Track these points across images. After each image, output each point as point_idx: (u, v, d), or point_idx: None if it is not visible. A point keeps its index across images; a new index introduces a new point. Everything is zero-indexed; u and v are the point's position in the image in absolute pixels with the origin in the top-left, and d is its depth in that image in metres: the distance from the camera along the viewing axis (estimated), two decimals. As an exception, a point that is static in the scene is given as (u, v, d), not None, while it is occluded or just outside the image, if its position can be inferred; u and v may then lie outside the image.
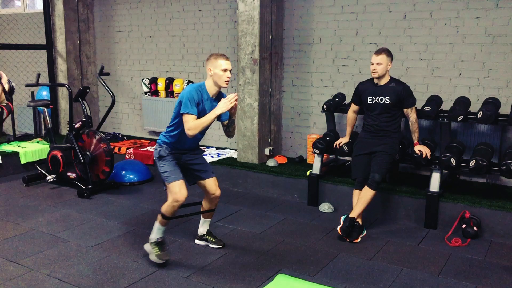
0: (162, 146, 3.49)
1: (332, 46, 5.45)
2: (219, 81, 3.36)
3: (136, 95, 7.19)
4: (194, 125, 3.26)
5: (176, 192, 3.38)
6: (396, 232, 4.21)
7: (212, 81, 3.39)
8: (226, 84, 3.37)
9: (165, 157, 3.46)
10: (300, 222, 4.48)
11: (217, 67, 3.33)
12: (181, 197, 3.39)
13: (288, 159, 5.73)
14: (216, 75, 3.35)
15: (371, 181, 4.06)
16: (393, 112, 4.20)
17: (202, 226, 3.90)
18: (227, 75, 3.36)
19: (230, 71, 3.38)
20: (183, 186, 3.42)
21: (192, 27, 6.43)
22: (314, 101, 5.67)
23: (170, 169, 3.43)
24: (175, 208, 3.43)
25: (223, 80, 3.35)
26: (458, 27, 4.71)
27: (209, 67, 3.37)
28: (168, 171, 3.43)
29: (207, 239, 3.88)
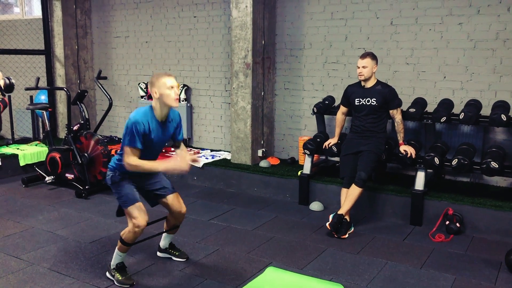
0: (115, 172, 3.22)
1: (322, 51, 5.65)
2: (167, 101, 3.06)
3: (133, 99, 7.36)
4: (135, 165, 3.04)
5: (136, 216, 3.14)
6: (383, 229, 4.38)
7: (159, 104, 3.09)
8: (176, 103, 3.09)
9: (118, 182, 3.20)
10: (290, 220, 4.65)
11: (162, 87, 3.04)
12: (142, 222, 3.15)
13: (280, 160, 5.90)
14: (163, 95, 3.05)
15: (358, 179, 4.23)
16: (379, 114, 4.39)
17: (164, 240, 3.70)
18: (175, 92, 3.07)
19: (177, 87, 3.11)
20: (142, 209, 3.18)
21: (188, 32, 6.62)
22: (306, 104, 5.86)
23: (126, 192, 3.18)
24: (137, 234, 3.18)
25: (172, 98, 3.06)
26: (442, 33, 4.91)
27: (154, 89, 3.07)
28: (124, 195, 3.18)
29: (170, 252, 3.71)
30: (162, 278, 3.38)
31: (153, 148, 3.21)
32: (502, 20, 4.61)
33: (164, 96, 3.06)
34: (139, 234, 3.21)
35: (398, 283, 3.33)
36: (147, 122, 3.07)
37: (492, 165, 3.98)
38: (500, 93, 4.71)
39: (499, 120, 4.15)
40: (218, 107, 6.51)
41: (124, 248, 3.30)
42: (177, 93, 3.10)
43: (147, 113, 3.10)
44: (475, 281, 3.35)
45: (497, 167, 3.98)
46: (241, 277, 3.40)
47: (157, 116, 3.14)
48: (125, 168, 3.12)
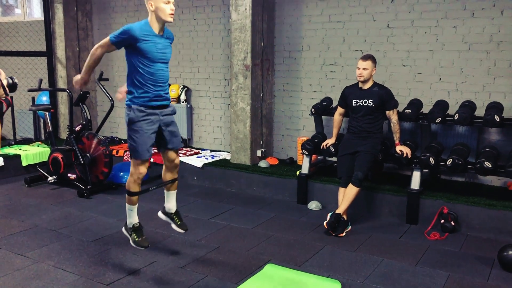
0: (131, 108, 3.24)
1: (320, 53, 5.75)
2: (162, 15, 3.13)
3: (133, 100, 7.44)
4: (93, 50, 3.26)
5: (139, 166, 3.31)
6: (379, 227, 4.48)
7: (154, 17, 3.17)
8: (171, 18, 3.15)
9: (136, 123, 3.22)
10: (289, 219, 4.74)
11: (158, 0, 3.10)
12: (144, 170, 3.34)
13: (279, 161, 6.00)
14: (158, 9, 3.11)
15: (355, 179, 4.33)
16: (376, 114, 4.49)
17: (168, 202, 3.70)
18: (170, 7, 3.13)
19: (173, 3, 3.16)
20: (147, 163, 3.36)
21: (188, 34, 6.71)
22: (304, 105, 5.96)
23: (141, 142, 3.23)
24: (138, 181, 3.36)
25: (167, 13, 3.12)
26: (438, 35, 5.01)
27: (150, 2, 3.12)
28: (137, 144, 3.24)
29: (173, 218, 3.69)
30: (163, 275, 3.47)
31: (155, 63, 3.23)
32: (495, 23, 4.71)
33: (159, 10, 3.12)
34: (140, 181, 3.38)
35: (393, 279, 3.42)
36: (144, 29, 3.14)
37: (485, 165, 4.08)
38: (494, 95, 4.81)
39: (492, 120, 4.25)
40: (218, 108, 6.61)
41: (131, 199, 3.44)
42: (172, 9, 3.15)
43: (144, 24, 3.19)
44: (468, 278, 3.45)
45: (491, 166, 4.07)
46: (241, 274, 3.49)
47: (154, 28, 3.21)
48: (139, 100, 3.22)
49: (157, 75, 3.27)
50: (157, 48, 3.21)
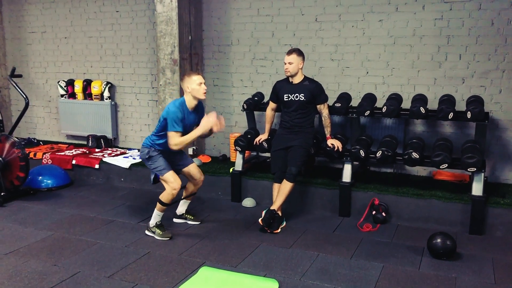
0: (150, 149, 4.00)
1: (250, 48, 5.64)
2: (197, 94, 3.89)
3: (52, 98, 6.94)
4: (180, 142, 3.84)
5: (172, 181, 3.93)
6: (313, 222, 4.46)
7: (191, 96, 3.91)
8: (204, 95, 3.92)
9: (154, 156, 3.98)
10: (223, 217, 4.60)
11: (193, 83, 3.86)
12: (178, 185, 3.94)
13: (211, 158, 5.84)
14: (194, 90, 3.88)
15: (288, 174, 4.27)
16: (308, 109, 4.46)
17: (181, 206, 4.41)
18: (203, 88, 3.91)
19: (204, 83, 3.92)
20: (176, 175, 3.98)
21: (110, 27, 6.34)
22: (235, 100, 5.83)
23: (161, 163, 3.97)
24: (174, 195, 3.96)
25: (201, 92, 3.89)
26: (364, 29, 5.09)
27: (186, 85, 3.88)
28: (160, 166, 3.96)
29: (186, 218, 4.40)
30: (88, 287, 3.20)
31: (186, 132, 3.93)
32: (418, 18, 4.86)
33: (195, 91, 3.90)
34: (175, 195, 3.99)
35: (330, 274, 3.39)
36: (183, 110, 3.88)
37: (413, 156, 4.18)
38: (418, 87, 4.96)
39: (418, 112, 4.37)
40: (145, 104, 6.31)
41: (162, 208, 4.04)
42: (205, 88, 3.94)
43: (181, 104, 3.90)
44: (401, 268, 3.50)
45: (418, 157, 4.18)
46: (174, 280, 3.30)
47: (189, 106, 3.95)
48: (159, 147, 3.99)
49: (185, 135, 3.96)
50: (187, 124, 3.93)
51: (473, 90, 4.76)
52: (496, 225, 4.12)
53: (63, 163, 5.89)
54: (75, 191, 5.47)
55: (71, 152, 6.14)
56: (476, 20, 4.65)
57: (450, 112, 4.29)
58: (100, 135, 6.43)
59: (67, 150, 6.23)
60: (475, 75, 4.74)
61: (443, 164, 4.11)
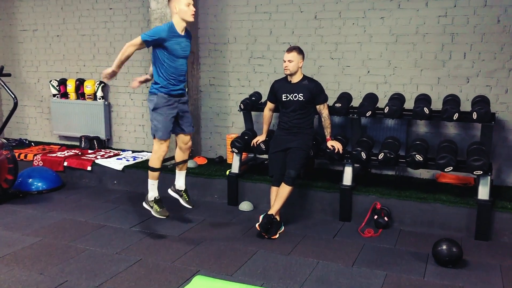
0: (157, 95, 3.73)
1: (247, 46, 5.47)
2: (185, 16, 3.68)
3: (44, 98, 6.75)
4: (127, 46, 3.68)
5: (162, 143, 3.79)
6: (313, 227, 4.29)
7: (179, 18, 3.69)
8: (192, 18, 3.71)
9: (160, 108, 3.72)
10: (219, 222, 4.43)
11: (181, 3, 3.64)
12: (166, 148, 3.83)
13: (208, 160, 5.66)
14: (181, 11, 3.66)
15: (287, 177, 4.10)
16: (307, 109, 4.29)
17: (178, 180, 4.19)
18: (192, 9, 3.69)
19: (193, 5, 3.72)
20: (168, 142, 3.85)
21: (103, 25, 6.16)
22: (232, 100, 5.66)
23: (164, 124, 3.75)
24: (161, 158, 3.83)
25: (189, 14, 3.68)
26: (365, 27, 4.92)
27: (173, 5, 3.66)
28: (161, 125, 3.74)
29: (181, 195, 4.17)
30: (76, 298, 3.03)
31: (178, 59, 3.74)
32: (421, 15, 4.69)
33: (182, 12, 3.66)
34: (162, 158, 3.85)
35: (330, 284, 3.22)
36: (171, 31, 3.66)
37: (417, 158, 4.02)
38: (421, 87, 4.79)
39: (422, 113, 4.20)
40: (139, 105, 6.13)
41: (154, 174, 3.88)
42: (193, 10, 3.71)
43: (170, 26, 3.68)
44: (405, 276, 3.33)
45: (422, 160, 4.02)
46: (166, 290, 3.13)
47: (177, 28, 3.71)
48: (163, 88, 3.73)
49: (179, 69, 3.80)
50: (181, 46, 3.73)
51: (478, 90, 4.59)
52: (503, 230, 3.96)
53: (54, 165, 5.71)
54: (66, 194, 5.29)
55: (63, 153, 5.96)
56: (482, 17, 4.48)
57: (455, 113, 4.13)
58: (93, 136, 6.25)
59: (59, 152, 6.05)
60: (480, 74, 4.58)
61: (448, 167, 3.95)
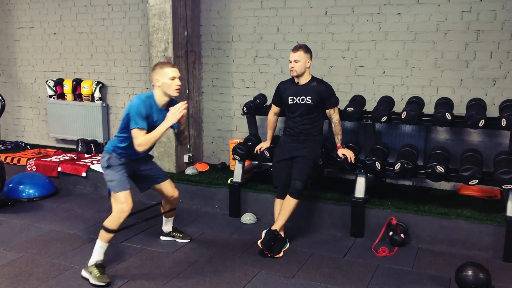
0: (112, 155, 3.31)
1: (252, 44, 5.09)
2: (168, 90, 3.23)
3: (41, 98, 6.45)
4: (144, 141, 3.12)
5: (122, 202, 3.22)
6: (321, 243, 3.90)
7: (161, 91, 3.25)
8: (176, 92, 3.24)
9: (114, 166, 3.29)
10: (219, 236, 4.06)
11: (164, 76, 3.20)
12: (128, 208, 3.23)
13: (210, 166, 5.30)
14: (164, 85, 3.21)
15: (293, 189, 3.72)
16: (315, 114, 3.90)
17: (166, 225, 3.89)
18: (176, 83, 3.23)
19: (179, 78, 3.27)
20: (130, 197, 3.27)
21: (101, 23, 5.83)
22: (236, 103, 5.28)
23: (118, 178, 3.26)
24: (121, 219, 3.22)
25: (173, 89, 3.22)
26: (381, 24, 4.51)
27: (155, 77, 3.22)
28: (115, 180, 3.26)
29: (173, 235, 3.89)
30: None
31: None
32: (442, 10, 4.27)
33: (166, 86, 3.22)
34: (123, 220, 3.23)
35: (339, 314, 2.84)
36: (149, 105, 3.20)
37: (438, 170, 3.60)
38: (442, 89, 4.37)
39: (443, 119, 3.78)
40: (139, 107, 5.78)
41: (107, 236, 3.22)
42: (179, 84, 3.25)
43: (148, 98, 3.23)
44: (425, 306, 2.93)
45: (443, 171, 3.60)
46: (152, 319, 2.77)
47: (158, 103, 3.27)
48: (122, 151, 3.29)
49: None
50: (153, 125, 3.21)
51: (506, 93, 4.15)
52: (535, 251, 3.53)
53: (48, 170, 5.39)
54: (59, 202, 4.96)
55: (58, 157, 5.64)
56: (511, 13, 4.04)
57: (481, 119, 3.70)
58: (91, 139, 5.92)
59: (54, 156, 5.74)
60: (508, 76, 4.14)
61: (473, 180, 3.53)
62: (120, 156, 3.32)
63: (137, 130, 3.12)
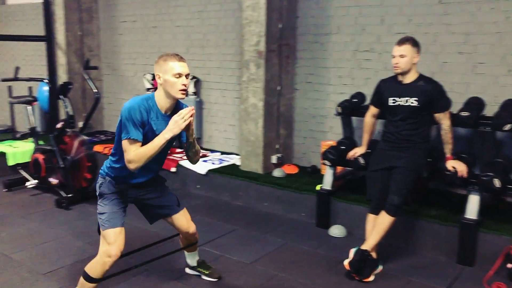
0: (105, 180, 2.63)
1: (352, 37, 4.61)
2: (171, 90, 2.45)
3: (140, 91, 6.56)
4: (137, 156, 2.39)
5: (111, 242, 2.51)
6: (421, 269, 3.35)
7: (163, 92, 2.49)
8: (182, 94, 2.46)
9: (106, 195, 2.62)
10: (302, 249, 3.69)
11: (168, 72, 2.44)
12: (116, 251, 2.51)
13: (299, 169, 4.94)
14: (167, 82, 2.44)
15: (389, 204, 3.22)
16: (421, 118, 3.35)
17: (189, 259, 3.18)
18: (181, 82, 2.45)
19: (187, 76, 2.48)
20: (122, 237, 2.56)
21: (198, 15, 5.73)
22: (331, 101, 4.84)
23: (109, 210, 2.58)
24: (107, 266, 2.52)
25: (177, 89, 2.44)
26: (508, 12, 3.77)
27: (157, 73, 2.49)
28: (106, 213, 2.58)
29: (198, 270, 3.18)
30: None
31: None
32: None
33: (168, 84, 2.45)
34: (109, 266, 2.53)
35: None
36: (146, 111, 2.46)
37: None
38: None
39: None
40: (230, 102, 5.60)
41: (88, 286, 2.57)
42: (184, 84, 2.46)
43: (146, 100, 2.49)
44: None
45: None
46: None
47: (160, 107, 2.52)
48: (118, 174, 2.59)
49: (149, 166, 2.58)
50: (153, 136, 2.46)
51: None
52: None
53: (140, 163, 5.43)
54: (147, 196, 4.95)
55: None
56: None
57: None
58: (183, 134, 5.88)
59: (147, 149, 5.78)
60: None
61: None
62: (115, 181, 2.61)
63: (128, 141, 2.41)
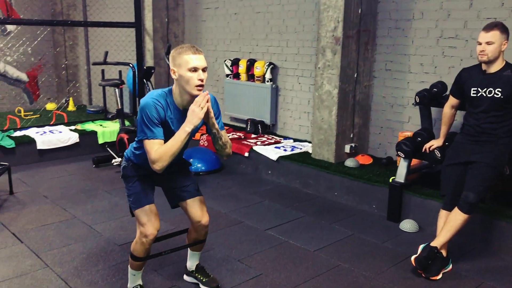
0: (128, 163, 2.60)
1: (437, 23, 4.34)
2: (187, 87, 2.31)
3: (220, 77, 6.74)
4: (160, 155, 2.27)
5: (144, 223, 2.49)
6: (495, 272, 3.13)
7: (178, 88, 2.37)
8: (198, 91, 2.29)
9: (129, 178, 2.58)
10: (369, 241, 3.61)
11: (182, 66, 2.29)
12: (151, 230, 2.49)
13: (374, 159, 4.80)
14: (182, 78, 2.30)
15: (463, 201, 3.04)
16: (505, 111, 3.11)
17: (190, 260, 2.95)
18: (198, 77, 2.28)
19: (204, 69, 2.32)
20: (153, 214, 2.52)
21: (278, 1, 5.72)
22: (411, 90, 4.62)
23: (136, 190, 2.55)
24: (146, 245, 2.53)
25: (193, 85, 2.29)
26: None
27: (172, 67, 2.35)
28: (133, 194, 2.55)
29: (196, 277, 2.92)
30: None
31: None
32: None
33: (184, 80, 2.31)
34: (148, 245, 2.54)
35: None
36: (162, 107, 2.35)
37: None
38: None
39: None
40: (306, 89, 5.56)
41: (135, 264, 2.65)
42: (201, 79, 2.29)
43: (163, 97, 2.39)
44: None
45: None
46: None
47: (177, 103, 2.41)
48: (138, 160, 2.53)
49: None
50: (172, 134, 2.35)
51: None
52: None
53: (216, 146, 5.60)
54: (221, 178, 5.11)
55: (228, 135, 5.82)
56: None
57: None
58: (259, 120, 5.96)
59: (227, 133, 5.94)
60: None
61: None
62: (138, 166, 2.56)
63: (148, 141, 2.31)
